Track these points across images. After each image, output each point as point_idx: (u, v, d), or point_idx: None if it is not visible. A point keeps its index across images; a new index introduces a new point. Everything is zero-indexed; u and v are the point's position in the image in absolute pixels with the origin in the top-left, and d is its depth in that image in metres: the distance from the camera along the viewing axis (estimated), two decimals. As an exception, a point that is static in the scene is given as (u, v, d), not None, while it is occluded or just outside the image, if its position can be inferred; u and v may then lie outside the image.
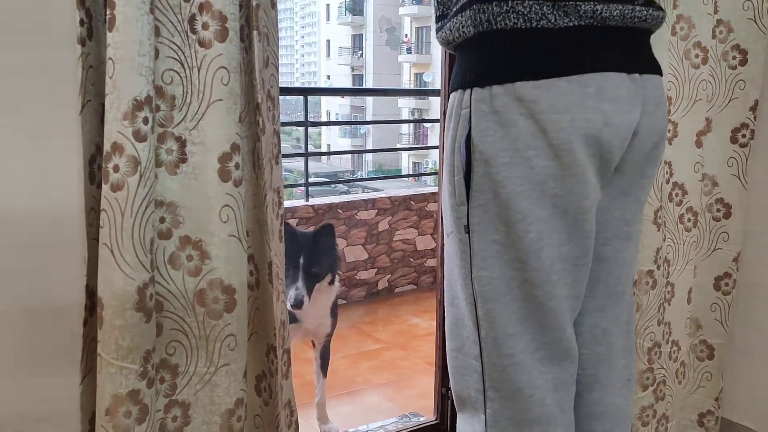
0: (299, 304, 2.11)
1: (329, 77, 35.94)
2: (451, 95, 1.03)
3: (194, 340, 1.17)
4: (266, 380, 1.27)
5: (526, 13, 0.92)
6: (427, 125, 21.47)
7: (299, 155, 4.16)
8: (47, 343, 1.20)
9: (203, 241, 1.14)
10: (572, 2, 0.92)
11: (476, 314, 1.01)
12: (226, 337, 1.17)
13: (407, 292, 3.97)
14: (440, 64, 1.90)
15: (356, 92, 27.65)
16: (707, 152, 1.78)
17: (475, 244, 0.99)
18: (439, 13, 1.06)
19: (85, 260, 1.10)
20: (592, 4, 0.93)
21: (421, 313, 3.57)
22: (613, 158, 0.99)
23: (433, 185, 7.84)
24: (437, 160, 2.22)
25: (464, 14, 0.98)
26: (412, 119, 26.96)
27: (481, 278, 1.00)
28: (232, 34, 1.09)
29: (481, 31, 0.96)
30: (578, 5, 0.93)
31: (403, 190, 4.28)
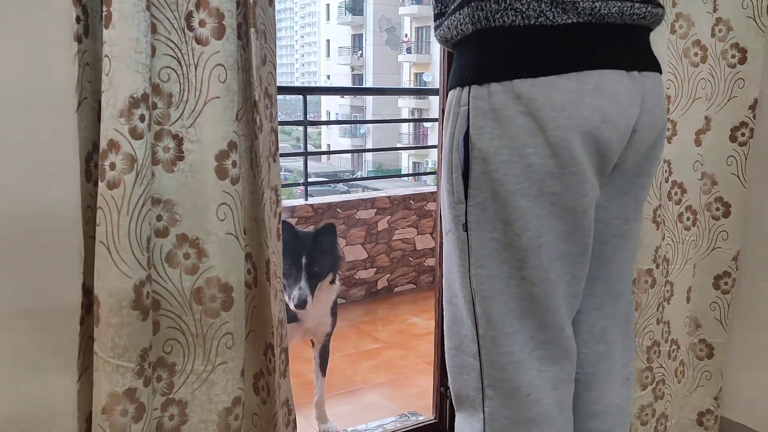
0: (303, 303, 2.10)
1: (329, 77, 35.95)
2: (449, 93, 1.02)
3: (191, 338, 1.16)
4: (264, 379, 1.26)
5: (524, 10, 0.92)
6: (426, 125, 21.46)
7: (298, 154, 4.15)
8: (44, 341, 1.19)
9: (200, 239, 1.14)
10: (570, -1, 0.92)
11: (474, 312, 1.01)
12: (223, 335, 1.17)
13: (406, 291, 3.96)
14: (439, 63, 1.90)
15: (355, 91, 27.65)
16: (706, 151, 1.78)
17: (473, 242, 0.99)
18: (437, 10, 1.06)
19: (81, 258, 1.10)
20: (590, 1, 0.93)
21: (420, 312, 3.57)
22: (611, 156, 0.99)
23: (432, 185, 7.83)
24: (437, 159, 2.21)
25: (462, 12, 0.97)
26: (411, 119, 26.95)
27: (479, 276, 0.99)
28: (229, 31, 1.09)
29: (479, 28, 0.96)
30: (576, 2, 0.92)
31: (402, 189, 4.28)
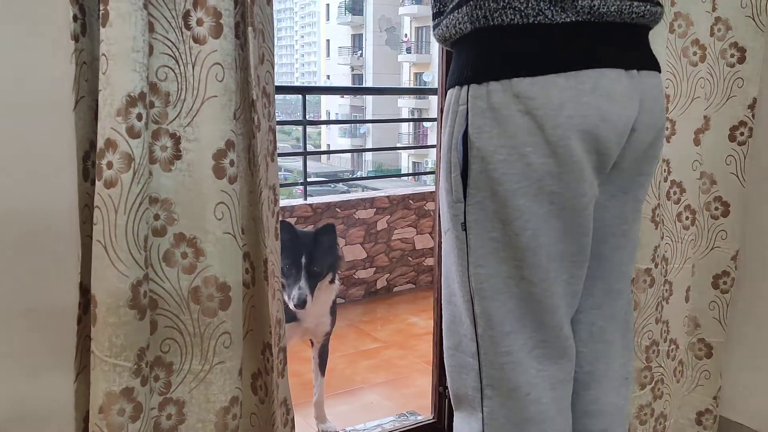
0: (303, 303, 2.10)
1: (329, 77, 35.95)
2: (448, 92, 1.02)
3: (189, 337, 1.16)
4: (262, 378, 1.26)
5: (522, 8, 0.92)
6: (426, 125, 21.45)
7: (297, 154, 4.15)
8: (41, 340, 1.19)
9: (198, 238, 1.14)
10: (569, -3, 0.92)
11: (473, 312, 1.01)
12: (221, 334, 1.17)
13: (406, 291, 3.96)
14: (438, 63, 1.90)
15: (354, 91, 27.64)
16: (705, 150, 1.78)
17: (472, 241, 0.99)
18: (436, 9, 1.06)
19: (78, 258, 1.09)
20: (589, -1, 0.92)
21: (419, 312, 3.56)
22: (610, 155, 0.99)
23: (432, 184, 7.83)
24: (436, 158, 2.21)
25: (461, 11, 0.97)
26: (410, 118, 26.94)
27: (478, 275, 0.99)
28: (226, 30, 1.09)
29: (477, 27, 0.95)
30: (575, 1, 0.92)
31: (401, 189, 4.27)
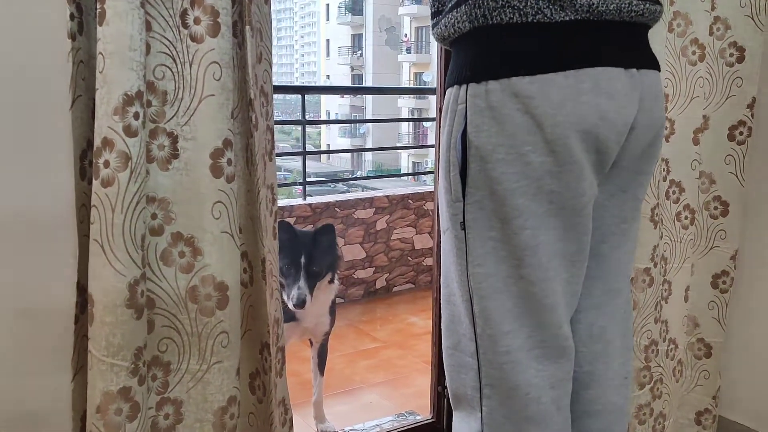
0: (302, 303, 2.10)
1: (329, 77, 35.95)
2: (447, 91, 1.02)
3: (186, 337, 1.16)
4: (260, 378, 1.26)
5: (521, 7, 0.92)
6: (426, 125, 21.45)
7: (296, 154, 4.15)
8: (38, 340, 1.19)
9: (195, 237, 1.13)
10: (567, -4, 0.91)
11: (472, 311, 1.01)
12: (218, 334, 1.16)
13: (405, 291, 3.96)
14: (436, 62, 1.90)
15: (353, 90, 27.65)
16: (704, 150, 1.78)
17: (470, 240, 0.99)
18: (435, 8, 1.06)
19: (75, 257, 1.09)
20: (588, -3, 0.92)
21: (418, 312, 3.56)
22: (609, 154, 0.98)
23: (431, 184, 7.83)
24: (435, 158, 2.21)
25: (459, 9, 0.97)
26: (410, 118, 26.95)
27: (476, 275, 0.99)
28: (224, 28, 1.09)
29: (476, 26, 0.95)
30: (574, -1, 0.92)
31: (401, 189, 4.27)
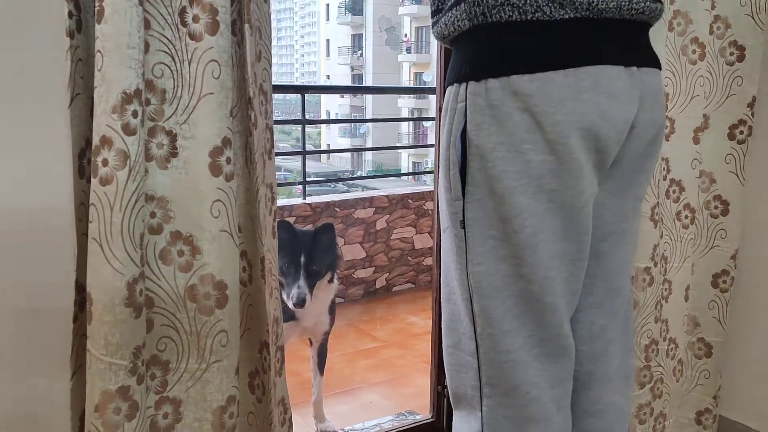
0: (302, 302, 2.10)
1: (329, 77, 35.96)
2: (446, 89, 1.02)
3: (185, 336, 1.16)
4: (259, 377, 1.26)
5: (520, 5, 0.91)
6: (426, 125, 21.45)
7: (296, 153, 4.15)
8: (37, 339, 1.18)
9: (194, 236, 1.13)
10: (567, -7, 0.91)
11: (472, 310, 1.00)
12: (217, 333, 1.16)
13: (405, 290, 3.96)
14: (436, 62, 1.89)
15: (353, 90, 27.64)
16: (705, 149, 1.77)
17: (470, 239, 0.98)
18: (434, 7, 1.06)
19: (74, 256, 1.09)
20: (588, -5, 0.92)
21: (418, 311, 3.56)
22: (610, 152, 0.98)
23: (431, 184, 7.83)
24: (434, 157, 2.20)
25: (459, 8, 0.97)
26: (409, 117, 26.95)
27: (476, 274, 0.99)
28: (223, 27, 1.08)
29: (476, 24, 0.95)
30: (574, -3, 0.91)
31: (401, 188, 4.27)
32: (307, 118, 3.95)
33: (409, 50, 29.35)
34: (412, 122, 26.59)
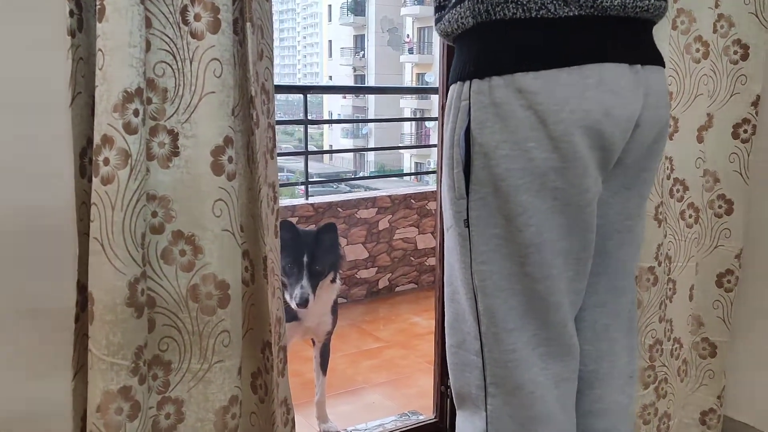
0: (305, 302, 2.10)
1: (331, 78, 35.95)
2: (450, 87, 1.01)
3: (187, 336, 1.15)
4: (262, 377, 1.25)
5: (525, 2, 0.91)
6: (428, 125, 21.42)
7: (299, 154, 4.15)
8: (38, 339, 1.18)
9: (196, 235, 1.13)
10: (572, -10, 0.91)
11: (477, 309, 1.00)
12: (219, 333, 1.16)
13: (408, 290, 3.95)
14: (438, 62, 1.89)
15: (355, 90, 27.65)
16: (709, 148, 1.77)
17: (474, 238, 0.98)
18: (438, 4, 1.05)
19: (76, 255, 1.08)
20: (591, -7, 0.91)
21: (421, 312, 3.55)
22: (614, 150, 0.98)
23: (434, 185, 7.83)
24: (437, 156, 2.20)
25: (463, 5, 0.96)
26: (412, 117, 26.95)
27: (481, 272, 0.98)
28: (224, 25, 1.08)
29: (479, 21, 0.94)
30: (578, -5, 0.91)
31: (403, 188, 4.27)
32: (309, 118, 3.94)
33: (411, 51, 29.33)
34: (414, 123, 26.55)
